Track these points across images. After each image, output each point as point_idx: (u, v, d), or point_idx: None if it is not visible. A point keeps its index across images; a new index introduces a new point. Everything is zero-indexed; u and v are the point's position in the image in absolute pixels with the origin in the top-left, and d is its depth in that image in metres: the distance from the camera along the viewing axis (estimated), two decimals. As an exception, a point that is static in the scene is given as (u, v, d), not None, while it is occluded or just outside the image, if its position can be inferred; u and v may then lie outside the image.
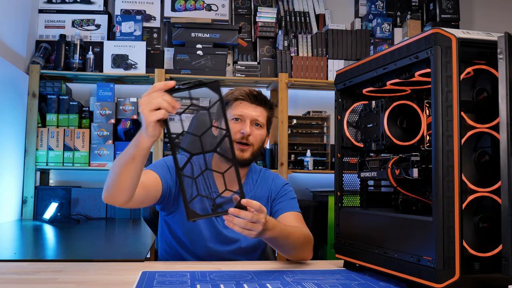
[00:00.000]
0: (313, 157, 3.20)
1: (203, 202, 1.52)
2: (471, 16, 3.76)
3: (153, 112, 1.10)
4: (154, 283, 1.13)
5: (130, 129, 3.07)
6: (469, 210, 0.96)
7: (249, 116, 1.51)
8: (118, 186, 1.24)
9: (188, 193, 1.32)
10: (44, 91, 3.05)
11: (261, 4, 3.44)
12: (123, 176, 1.22)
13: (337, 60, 3.31)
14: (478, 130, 0.99)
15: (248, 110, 1.51)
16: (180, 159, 1.22)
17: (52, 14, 3.22)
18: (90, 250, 1.88)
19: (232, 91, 1.56)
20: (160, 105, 1.10)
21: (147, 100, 1.11)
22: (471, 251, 0.96)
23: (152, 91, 1.12)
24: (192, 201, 1.22)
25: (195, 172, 1.50)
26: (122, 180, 1.23)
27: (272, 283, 1.15)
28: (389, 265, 1.12)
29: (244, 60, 3.33)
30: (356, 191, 1.39)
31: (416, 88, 1.26)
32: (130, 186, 1.25)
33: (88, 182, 3.19)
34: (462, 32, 1.00)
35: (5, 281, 1.15)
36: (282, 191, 1.63)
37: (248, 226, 1.18)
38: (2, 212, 2.63)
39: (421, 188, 1.18)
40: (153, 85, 1.14)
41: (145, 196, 1.38)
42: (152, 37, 3.29)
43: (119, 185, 1.24)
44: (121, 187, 1.24)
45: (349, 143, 1.39)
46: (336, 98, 1.41)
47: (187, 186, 1.49)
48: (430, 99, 1.01)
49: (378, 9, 3.51)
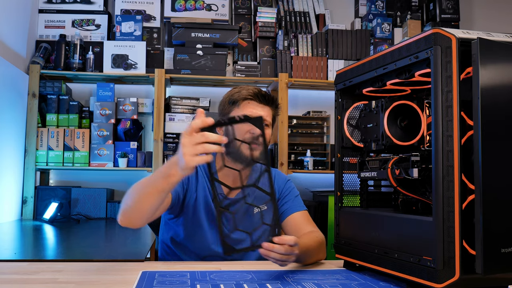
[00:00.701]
0: (313, 157, 3.20)
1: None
2: (471, 16, 3.76)
3: (196, 157, 1.06)
4: (154, 283, 1.13)
5: (130, 129, 3.08)
6: (469, 210, 0.96)
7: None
8: (139, 213, 1.24)
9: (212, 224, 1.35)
10: (44, 91, 3.05)
11: (261, 4, 3.44)
12: (146, 205, 1.21)
13: (337, 60, 3.31)
14: (478, 130, 0.99)
15: (256, 110, 1.50)
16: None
17: (52, 14, 3.22)
18: (90, 250, 1.88)
19: (238, 90, 1.54)
20: (207, 151, 1.06)
21: (190, 142, 1.06)
22: (471, 251, 0.96)
23: (192, 131, 1.06)
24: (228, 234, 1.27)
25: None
26: (144, 208, 1.23)
27: (272, 283, 1.15)
28: (389, 265, 1.12)
29: (244, 60, 3.33)
30: (356, 191, 1.39)
31: (416, 88, 1.26)
32: (151, 213, 1.27)
33: (88, 182, 3.19)
34: (462, 32, 1.00)
35: (5, 281, 1.15)
36: (285, 189, 1.64)
37: (283, 258, 1.20)
38: (2, 212, 2.63)
39: (421, 188, 1.18)
40: (192, 124, 1.07)
41: (158, 212, 1.38)
42: (152, 37, 3.29)
43: (140, 213, 1.23)
44: (143, 214, 1.25)
45: (349, 143, 1.39)
46: (336, 98, 1.41)
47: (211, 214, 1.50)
48: (430, 99, 1.01)
49: (378, 9, 3.51)
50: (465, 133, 0.99)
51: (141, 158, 3.07)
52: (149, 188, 1.19)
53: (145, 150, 3.29)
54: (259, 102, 1.52)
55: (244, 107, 1.51)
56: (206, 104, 3.17)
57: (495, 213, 0.93)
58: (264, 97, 1.53)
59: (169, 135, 3.09)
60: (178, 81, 3.27)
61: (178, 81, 3.27)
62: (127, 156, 3.04)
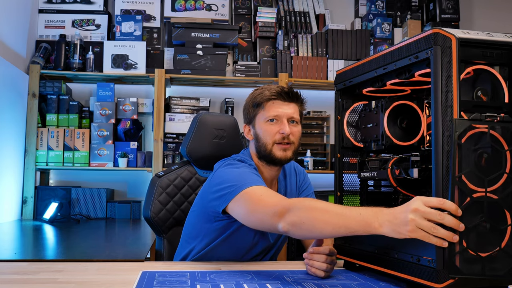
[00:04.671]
0: (313, 157, 3.20)
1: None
2: (471, 16, 3.76)
3: (420, 232, 0.96)
4: (154, 283, 1.13)
5: (130, 129, 3.07)
6: (469, 210, 0.96)
7: (285, 115, 1.46)
8: (313, 235, 1.21)
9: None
10: (44, 91, 3.05)
11: (261, 4, 3.44)
12: (327, 235, 1.17)
13: (337, 60, 3.31)
14: (478, 130, 0.99)
15: (282, 109, 1.47)
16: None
17: (52, 14, 3.22)
18: (90, 250, 1.88)
19: (261, 92, 1.50)
20: (435, 234, 0.95)
21: (425, 214, 0.96)
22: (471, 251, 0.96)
23: (431, 205, 0.96)
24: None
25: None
26: (321, 235, 1.21)
27: (272, 283, 1.15)
28: (389, 265, 1.12)
29: (244, 60, 3.33)
30: (356, 191, 1.39)
31: (416, 88, 1.26)
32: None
33: (88, 182, 3.19)
34: (462, 32, 1.00)
35: (5, 281, 1.15)
36: (304, 183, 1.66)
37: (328, 268, 1.24)
38: (2, 212, 2.63)
39: (421, 188, 1.18)
40: (435, 200, 0.97)
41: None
42: (152, 37, 3.29)
43: (314, 235, 1.21)
44: (315, 236, 1.25)
45: (349, 143, 1.39)
46: (336, 98, 1.41)
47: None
48: (430, 99, 1.01)
49: (378, 9, 3.51)
50: (465, 133, 0.99)
51: (141, 158, 3.07)
52: (342, 228, 1.08)
53: (145, 150, 3.28)
54: (284, 100, 1.47)
55: (269, 108, 1.47)
56: (206, 104, 3.17)
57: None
58: (288, 94, 1.48)
59: (169, 135, 3.09)
60: (178, 81, 3.27)
61: (178, 81, 3.27)
62: (127, 156, 3.04)
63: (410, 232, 0.96)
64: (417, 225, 0.95)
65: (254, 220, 1.28)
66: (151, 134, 3.23)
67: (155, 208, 1.73)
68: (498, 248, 0.96)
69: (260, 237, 1.50)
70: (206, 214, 1.47)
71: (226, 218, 1.43)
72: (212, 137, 1.76)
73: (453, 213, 0.95)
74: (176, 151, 3.07)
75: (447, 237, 0.94)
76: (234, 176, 1.37)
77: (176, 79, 3.21)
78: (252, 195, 1.28)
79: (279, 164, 1.50)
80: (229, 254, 1.50)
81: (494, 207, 0.97)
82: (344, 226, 1.07)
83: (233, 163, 1.46)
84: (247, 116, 1.55)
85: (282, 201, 1.23)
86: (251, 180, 1.33)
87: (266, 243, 1.53)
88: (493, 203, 0.97)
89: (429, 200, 0.97)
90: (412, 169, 1.13)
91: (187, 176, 1.81)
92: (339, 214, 1.09)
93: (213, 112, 2.93)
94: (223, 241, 1.48)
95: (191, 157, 1.78)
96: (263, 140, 1.47)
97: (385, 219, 1.01)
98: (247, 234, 1.47)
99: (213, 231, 1.48)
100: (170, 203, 1.76)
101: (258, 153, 1.50)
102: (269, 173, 1.53)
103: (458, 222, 0.95)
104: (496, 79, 1.06)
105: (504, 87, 1.06)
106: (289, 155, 1.47)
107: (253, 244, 1.50)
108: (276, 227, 1.19)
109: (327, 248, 1.26)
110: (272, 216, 1.20)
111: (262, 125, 1.48)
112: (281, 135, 1.45)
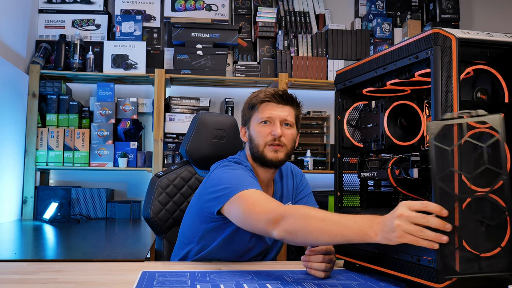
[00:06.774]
0: (313, 157, 3.20)
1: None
2: (471, 16, 3.76)
3: (409, 236, 0.95)
4: (154, 283, 1.13)
5: (130, 129, 3.07)
6: (469, 210, 0.96)
7: (277, 117, 1.46)
8: (308, 242, 1.21)
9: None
10: (44, 91, 3.05)
11: (261, 4, 3.44)
12: (322, 243, 1.18)
13: (337, 60, 3.31)
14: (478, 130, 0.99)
15: (276, 111, 1.47)
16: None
17: (52, 14, 3.22)
18: (90, 250, 1.88)
19: (256, 94, 1.51)
20: (423, 237, 0.94)
21: (410, 218, 0.95)
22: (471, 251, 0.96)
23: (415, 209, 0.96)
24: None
25: None
26: (316, 243, 1.22)
27: (272, 283, 1.15)
28: (389, 265, 1.12)
29: (244, 60, 3.33)
30: (356, 191, 1.39)
31: (416, 88, 1.26)
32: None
33: (88, 182, 3.19)
34: (462, 32, 1.00)
35: (5, 281, 1.15)
36: (301, 184, 1.66)
37: (327, 268, 1.25)
38: (2, 212, 2.63)
39: (421, 188, 1.18)
40: (417, 203, 0.96)
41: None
42: (152, 37, 3.29)
43: (309, 242, 1.21)
44: (309, 243, 1.25)
45: (349, 143, 1.39)
46: (336, 98, 1.41)
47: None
48: (430, 99, 1.01)
49: (378, 9, 3.51)
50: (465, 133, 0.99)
51: (141, 158, 3.07)
52: (338, 237, 1.08)
53: (145, 150, 3.28)
54: (278, 102, 1.48)
55: (263, 109, 1.48)
56: (206, 104, 3.17)
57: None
58: (282, 97, 1.49)
59: (169, 135, 3.09)
60: (178, 81, 3.27)
61: (178, 81, 3.27)
62: (127, 156, 3.04)
63: (398, 237, 0.96)
64: (404, 230, 0.95)
65: (248, 225, 1.28)
66: (151, 134, 3.23)
67: (154, 208, 1.73)
68: (499, 248, 0.96)
69: (257, 240, 1.50)
70: (202, 214, 1.47)
71: (221, 219, 1.43)
72: (212, 137, 1.76)
73: (438, 214, 0.94)
74: (176, 151, 3.07)
75: (435, 239, 0.94)
76: (230, 178, 1.37)
77: (176, 79, 3.21)
78: (247, 199, 1.28)
79: (272, 166, 1.49)
80: (226, 257, 1.50)
81: (493, 207, 0.97)
82: (340, 235, 1.07)
83: (229, 164, 1.46)
84: (243, 118, 1.56)
85: (277, 208, 1.22)
86: (246, 183, 1.33)
87: (264, 245, 1.53)
88: (491, 203, 0.97)
89: (413, 204, 0.97)
90: (412, 169, 1.13)
91: (186, 176, 1.81)
92: (334, 223, 1.09)
93: (212, 112, 2.92)
94: (220, 243, 1.48)
95: (191, 157, 1.78)
96: (255, 141, 1.48)
97: (378, 228, 1.01)
98: (244, 237, 1.47)
99: (209, 232, 1.48)
100: (169, 203, 1.76)
101: (252, 154, 1.51)
102: (265, 175, 1.52)
103: (444, 223, 0.94)
104: (496, 79, 1.06)
105: (504, 87, 1.06)
106: (280, 156, 1.47)
107: (250, 246, 1.50)
108: (270, 233, 1.20)
109: (323, 247, 1.26)
110: (266, 223, 1.20)
111: (256, 127, 1.48)
112: (272, 136, 1.45)
